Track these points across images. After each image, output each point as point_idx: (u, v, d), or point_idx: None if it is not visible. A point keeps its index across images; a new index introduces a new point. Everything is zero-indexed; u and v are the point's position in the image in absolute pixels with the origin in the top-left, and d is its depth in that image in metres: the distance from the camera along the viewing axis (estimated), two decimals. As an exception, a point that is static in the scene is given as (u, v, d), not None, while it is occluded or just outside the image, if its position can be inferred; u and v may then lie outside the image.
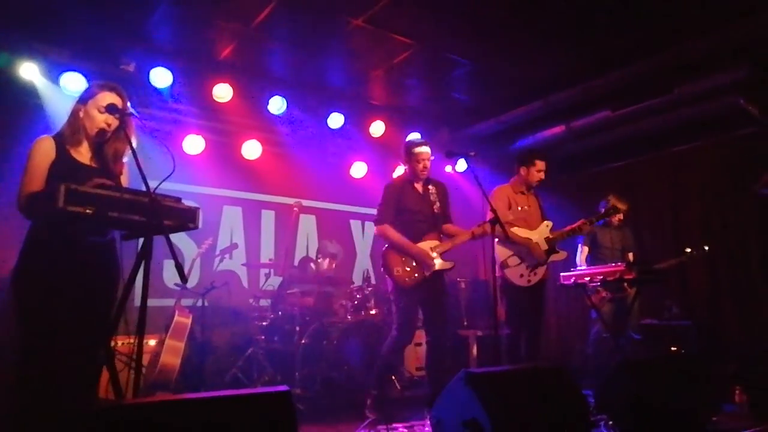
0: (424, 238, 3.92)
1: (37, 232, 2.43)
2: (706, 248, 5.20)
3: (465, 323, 6.32)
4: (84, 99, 2.62)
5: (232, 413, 1.81)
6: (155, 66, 5.06)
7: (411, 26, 4.84)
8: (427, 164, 4.02)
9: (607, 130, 6.06)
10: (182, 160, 5.52)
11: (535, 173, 4.38)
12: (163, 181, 2.30)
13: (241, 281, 6.12)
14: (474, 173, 3.58)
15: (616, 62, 5.18)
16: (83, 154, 2.61)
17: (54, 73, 4.72)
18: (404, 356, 5.31)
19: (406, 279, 3.83)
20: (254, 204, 6.41)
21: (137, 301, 2.33)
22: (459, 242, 3.93)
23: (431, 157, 4.05)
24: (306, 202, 6.21)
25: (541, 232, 4.22)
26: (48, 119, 4.60)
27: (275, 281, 5.72)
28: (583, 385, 3.21)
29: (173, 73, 5.15)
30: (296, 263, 5.98)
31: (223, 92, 5.45)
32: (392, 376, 4.79)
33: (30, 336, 2.35)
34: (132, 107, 2.64)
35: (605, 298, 5.06)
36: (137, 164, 2.33)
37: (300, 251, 6.49)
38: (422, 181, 4.08)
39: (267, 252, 6.36)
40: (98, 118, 2.57)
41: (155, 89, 5.19)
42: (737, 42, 4.65)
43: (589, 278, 4.04)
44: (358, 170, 6.95)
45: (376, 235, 4.16)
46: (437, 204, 4.04)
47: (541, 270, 4.20)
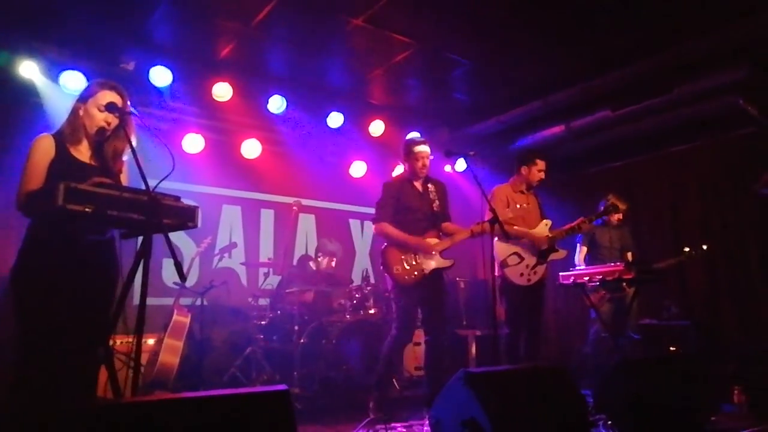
0: (424, 236, 3.92)
1: (37, 231, 2.43)
2: (705, 248, 5.22)
3: (464, 323, 6.32)
4: (84, 97, 2.62)
5: (231, 412, 1.80)
6: (155, 65, 5.06)
7: (411, 26, 4.84)
8: (427, 163, 4.02)
9: (607, 130, 6.06)
10: (182, 159, 5.52)
11: (536, 173, 4.39)
12: (163, 180, 2.29)
13: (240, 280, 6.12)
14: (473, 173, 3.57)
15: (616, 62, 5.18)
16: (83, 153, 2.61)
17: (54, 72, 4.72)
18: (403, 356, 5.31)
19: (406, 277, 3.82)
20: (253, 203, 6.41)
21: (136, 300, 2.33)
22: (458, 240, 3.93)
23: (430, 156, 4.06)
24: (305, 202, 6.20)
25: (540, 231, 4.22)
26: (47, 118, 4.59)
27: (274, 280, 5.71)
28: (582, 385, 3.20)
29: (173, 72, 5.14)
30: (295, 262, 5.98)
31: (223, 91, 5.46)
32: (393, 377, 4.78)
33: (29, 334, 2.34)
34: (132, 106, 2.64)
35: (604, 298, 5.06)
36: (137, 163, 2.33)
37: (299, 250, 6.48)
38: (421, 180, 4.08)
39: (266, 251, 6.36)
40: (98, 117, 2.57)
41: (155, 88, 5.19)
42: (737, 42, 4.65)
43: (588, 278, 4.04)
44: (358, 170, 6.95)
45: (375, 234, 4.15)
46: (436, 202, 4.04)
47: (541, 269, 4.20)
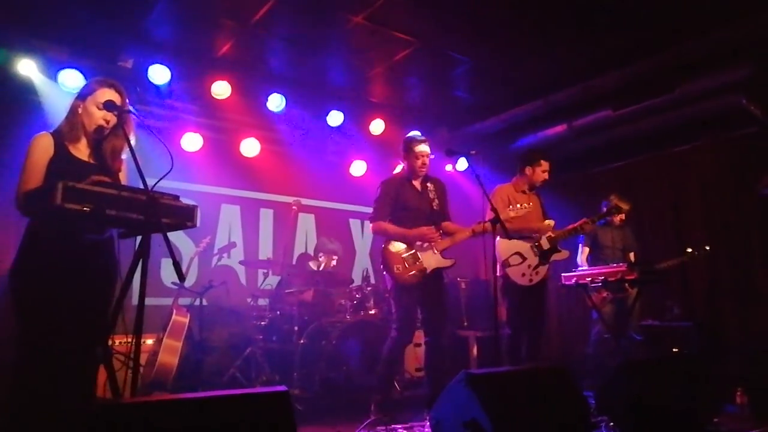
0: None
1: (35, 230, 2.42)
2: (708, 248, 5.19)
3: (465, 323, 6.29)
4: (83, 95, 2.61)
5: (230, 413, 1.79)
6: (153, 63, 5.03)
7: (411, 24, 4.82)
8: (426, 161, 3.99)
9: (609, 130, 6.04)
10: (180, 158, 5.49)
11: (540, 173, 4.38)
12: (161, 179, 2.27)
13: (240, 280, 6.10)
14: (475, 172, 3.55)
15: (618, 61, 5.17)
16: (82, 151, 2.60)
17: (52, 70, 4.70)
18: (404, 357, 5.28)
19: (406, 276, 3.79)
20: (253, 202, 6.39)
21: (135, 300, 2.31)
22: (459, 239, 3.90)
23: (431, 155, 4.03)
24: (305, 201, 6.17)
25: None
26: (46, 116, 4.57)
27: (273, 280, 5.69)
28: (584, 386, 3.20)
29: (171, 70, 5.11)
30: (294, 261, 5.96)
31: (222, 89, 5.43)
32: (395, 378, 4.76)
33: (28, 334, 2.33)
34: (130, 104, 2.62)
35: (606, 299, 5.05)
36: (135, 161, 2.32)
37: (298, 250, 6.46)
38: (420, 179, 4.05)
39: (265, 251, 6.33)
40: (96, 115, 2.56)
41: (153, 86, 5.17)
42: (739, 41, 4.64)
43: (591, 278, 4.02)
44: (358, 169, 6.91)
45: (372, 232, 4.12)
46: (436, 201, 4.01)
47: (543, 269, 4.17)
